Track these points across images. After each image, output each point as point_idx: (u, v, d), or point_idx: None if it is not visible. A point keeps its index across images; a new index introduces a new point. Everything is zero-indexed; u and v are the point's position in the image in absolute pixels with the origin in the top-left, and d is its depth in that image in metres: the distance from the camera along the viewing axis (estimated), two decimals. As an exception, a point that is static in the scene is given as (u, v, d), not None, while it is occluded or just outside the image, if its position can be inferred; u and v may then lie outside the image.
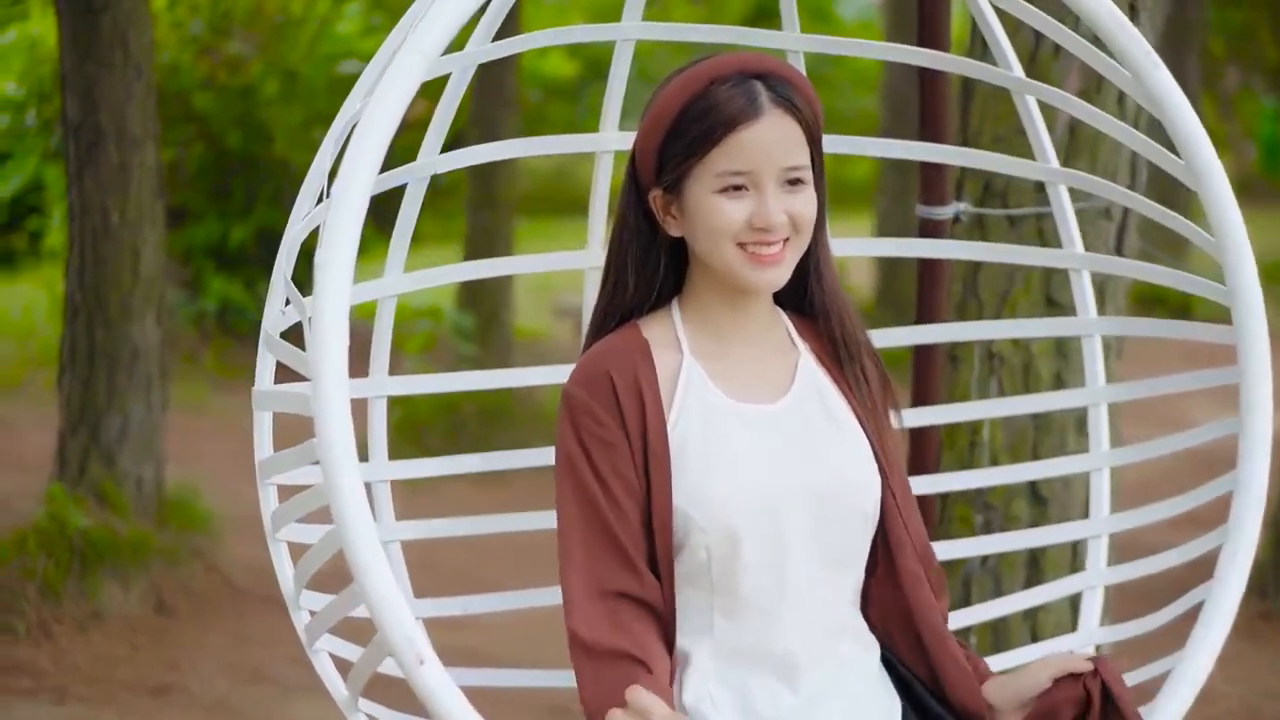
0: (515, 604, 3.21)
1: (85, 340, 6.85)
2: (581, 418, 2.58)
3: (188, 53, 11.55)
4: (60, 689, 5.69)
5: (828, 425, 2.67)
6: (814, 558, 2.60)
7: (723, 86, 2.56)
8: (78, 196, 6.82)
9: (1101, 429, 3.34)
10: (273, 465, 2.74)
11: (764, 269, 2.59)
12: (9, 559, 6.29)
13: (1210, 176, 2.71)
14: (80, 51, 6.73)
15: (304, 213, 2.83)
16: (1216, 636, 2.64)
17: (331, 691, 2.74)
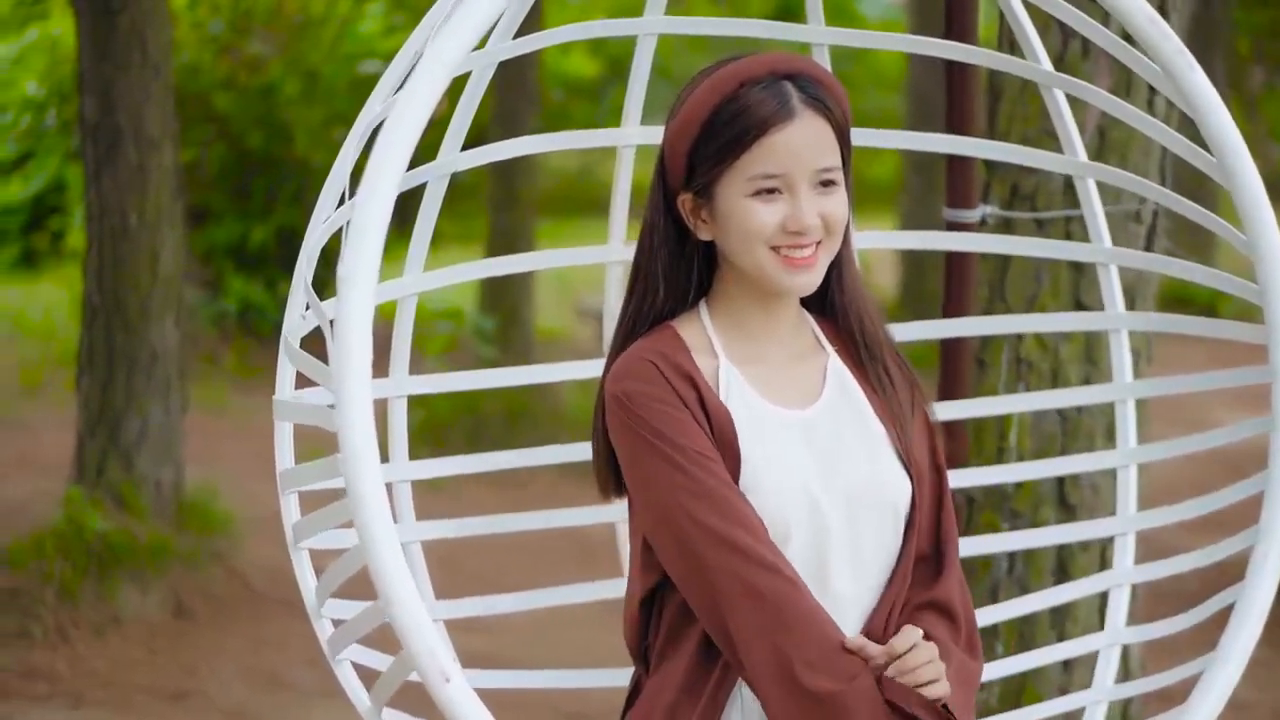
0: (535, 603, 3.20)
1: (104, 342, 6.82)
2: (648, 405, 2.51)
3: (208, 53, 11.52)
4: (77, 694, 5.68)
5: (858, 429, 2.62)
6: (850, 564, 2.56)
7: (754, 88, 2.52)
8: (96, 197, 6.79)
9: (1129, 425, 3.31)
10: (295, 478, 2.70)
11: (797, 272, 2.55)
12: (26, 562, 6.27)
13: (1243, 174, 2.69)
14: (98, 51, 6.70)
15: (324, 217, 2.79)
16: (1248, 639, 2.62)
17: (353, 700, 2.70)
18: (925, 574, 2.65)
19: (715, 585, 2.45)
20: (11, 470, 8.50)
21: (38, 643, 6.00)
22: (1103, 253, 3.34)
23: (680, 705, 2.53)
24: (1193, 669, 2.87)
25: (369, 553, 2.16)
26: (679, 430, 2.50)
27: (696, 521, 2.45)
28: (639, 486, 2.53)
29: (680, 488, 2.47)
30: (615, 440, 2.56)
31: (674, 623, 2.57)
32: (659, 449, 2.48)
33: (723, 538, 2.45)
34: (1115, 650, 3.28)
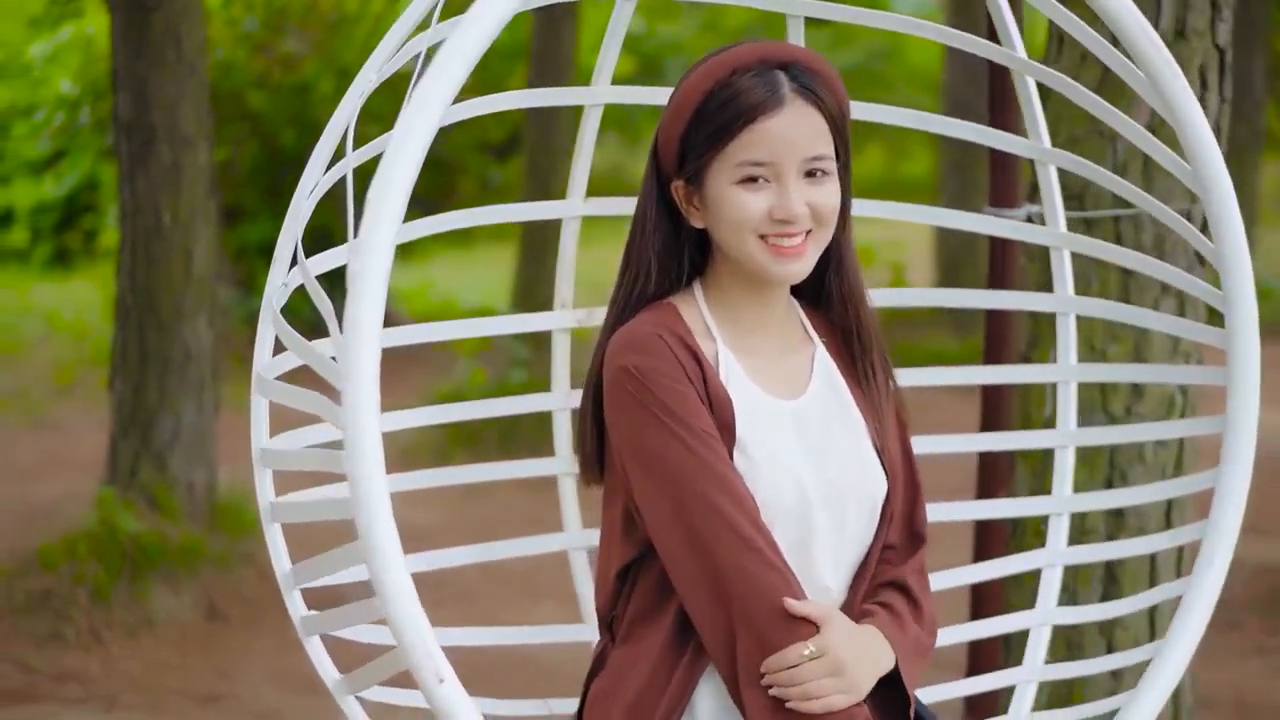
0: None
1: (136, 342, 6.79)
2: (659, 380, 2.52)
3: (242, 51, 11.50)
4: (109, 696, 5.64)
5: (842, 422, 2.66)
6: (831, 554, 2.59)
7: (745, 76, 2.54)
8: (130, 196, 6.76)
9: (1069, 407, 3.41)
10: (280, 460, 2.71)
11: (786, 261, 2.56)
12: (59, 564, 6.24)
13: (1217, 186, 2.75)
14: (132, 49, 6.67)
15: (313, 182, 2.81)
16: (1194, 630, 2.78)
17: (321, 673, 2.71)
18: (891, 560, 2.69)
19: (712, 565, 2.46)
20: (45, 470, 8.51)
21: (70, 644, 5.97)
22: (1056, 237, 3.40)
23: (649, 686, 2.54)
24: (1142, 655, 3.03)
25: (373, 561, 2.15)
26: (687, 407, 2.51)
27: (702, 500, 2.47)
28: (641, 460, 2.52)
29: (687, 465, 2.48)
30: (615, 413, 2.55)
31: (648, 597, 2.58)
32: (666, 425, 2.49)
33: (726, 519, 2.46)
34: (1045, 630, 3.32)
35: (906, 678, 2.57)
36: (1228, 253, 2.79)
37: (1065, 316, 3.39)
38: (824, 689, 2.44)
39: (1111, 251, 3.35)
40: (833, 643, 2.45)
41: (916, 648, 2.63)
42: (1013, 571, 3.49)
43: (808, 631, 2.46)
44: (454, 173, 12.14)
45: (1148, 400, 3.98)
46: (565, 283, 3.33)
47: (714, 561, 2.46)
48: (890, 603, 2.63)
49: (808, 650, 2.43)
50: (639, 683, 2.54)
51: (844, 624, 2.50)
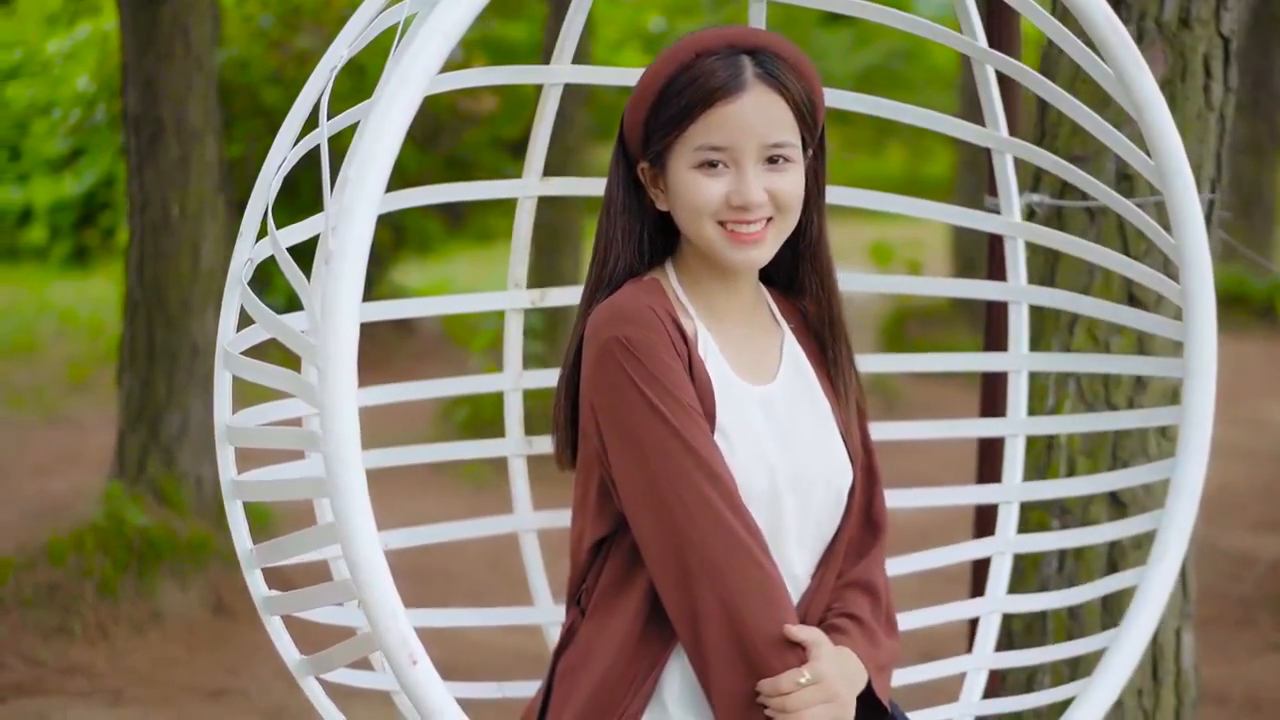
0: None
1: (145, 337, 6.78)
2: (651, 352, 2.51)
3: (257, 47, 11.48)
4: (116, 691, 5.62)
5: (810, 408, 2.67)
6: (798, 540, 2.61)
7: (709, 59, 2.54)
8: (138, 190, 6.76)
9: (1020, 395, 3.51)
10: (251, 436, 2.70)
11: (744, 248, 2.57)
12: (66, 558, 6.22)
13: (1178, 181, 2.81)
14: (141, 43, 6.66)
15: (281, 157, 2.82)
16: (1149, 619, 2.85)
17: (281, 653, 2.74)
18: (854, 551, 2.71)
19: (687, 540, 2.46)
20: (58, 466, 8.51)
21: (77, 639, 5.95)
22: (1010, 226, 3.45)
23: (617, 662, 2.55)
24: (1097, 643, 3.08)
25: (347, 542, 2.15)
26: (675, 381, 2.51)
27: (681, 478, 2.46)
28: (622, 433, 2.51)
29: (668, 442, 2.48)
30: (599, 383, 2.54)
31: (619, 573, 2.59)
32: (652, 399, 2.49)
33: (705, 497, 2.46)
34: (995, 617, 3.38)
35: (880, 692, 2.60)
36: (1186, 247, 2.83)
37: (1019, 305, 3.48)
38: (819, 716, 2.44)
39: (1071, 244, 3.38)
40: (825, 671, 2.46)
41: (887, 660, 2.67)
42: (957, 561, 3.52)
43: (799, 656, 2.47)
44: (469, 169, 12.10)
45: (1150, 393, 3.95)
46: (519, 262, 3.35)
47: (686, 544, 2.46)
48: (857, 613, 2.64)
49: (804, 678, 2.44)
50: (607, 658, 2.55)
51: (831, 648, 2.51)
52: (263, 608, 2.70)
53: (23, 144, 16.89)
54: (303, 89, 2.82)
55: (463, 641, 5.83)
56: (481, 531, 3.34)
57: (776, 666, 2.45)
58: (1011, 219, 3.44)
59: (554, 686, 2.64)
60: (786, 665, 2.45)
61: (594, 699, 2.55)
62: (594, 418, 2.56)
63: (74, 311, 12.57)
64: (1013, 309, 3.48)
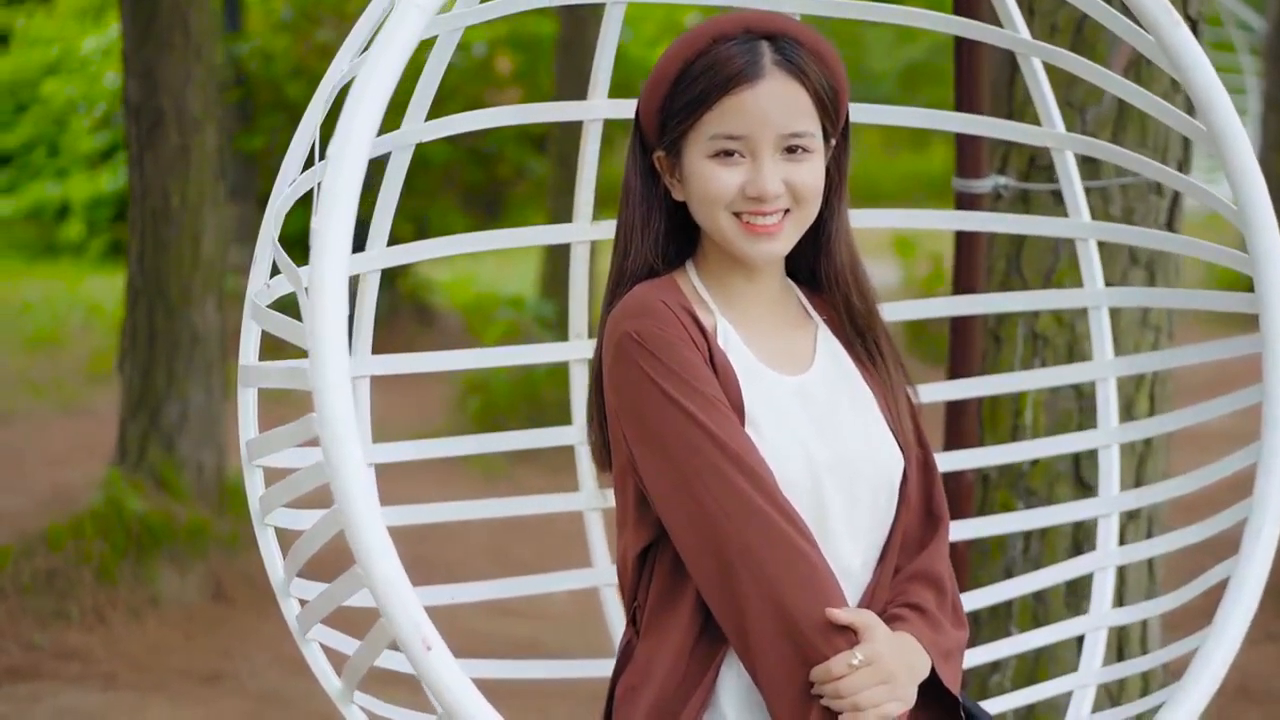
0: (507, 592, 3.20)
1: (145, 325, 6.82)
2: (666, 346, 2.41)
3: (280, 40, 11.52)
4: (110, 675, 5.65)
5: (852, 400, 2.55)
6: (848, 532, 2.48)
7: (726, 45, 2.44)
8: (138, 179, 6.80)
9: (1110, 404, 3.24)
10: (264, 445, 2.64)
11: (759, 240, 2.47)
12: (65, 543, 6.25)
13: (1233, 141, 2.59)
14: (140, 33, 6.70)
15: (290, 179, 2.71)
16: (1244, 613, 2.55)
17: (323, 683, 2.63)
18: (914, 545, 2.59)
19: (722, 532, 2.35)
20: (72, 455, 8.56)
21: (74, 624, 5.98)
22: (1081, 227, 3.27)
23: (672, 680, 2.45)
24: (1189, 645, 2.81)
25: (346, 516, 2.08)
26: (695, 373, 2.41)
27: (712, 469, 2.37)
28: (645, 432, 2.42)
29: (694, 435, 2.38)
30: (618, 381, 2.45)
31: (666, 583, 2.48)
32: (672, 393, 2.39)
33: (735, 487, 2.36)
34: (1101, 634, 3.19)
35: (948, 680, 2.47)
36: (1250, 210, 2.59)
37: (1099, 310, 3.28)
38: (876, 698, 2.32)
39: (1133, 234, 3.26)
40: (880, 651, 2.34)
41: (953, 647, 2.53)
42: (1064, 579, 3.35)
43: (849, 640, 2.34)
44: (494, 163, 12.12)
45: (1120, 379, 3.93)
46: (579, 313, 3.24)
47: (721, 537, 2.36)
48: (920, 603, 2.51)
49: (856, 659, 2.32)
50: (662, 677, 2.45)
51: (885, 630, 2.38)
52: (298, 631, 2.63)
53: (61, 140, 16.97)
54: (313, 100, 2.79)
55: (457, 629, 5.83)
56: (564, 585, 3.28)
57: (826, 652, 2.32)
58: (1080, 219, 3.27)
59: (615, 709, 2.54)
60: (836, 649, 2.32)
61: (652, 714, 2.45)
62: (619, 423, 2.47)
63: (100, 305, 12.63)
64: (1093, 314, 3.27)
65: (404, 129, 2.94)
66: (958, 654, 2.54)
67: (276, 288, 2.70)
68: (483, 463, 8.35)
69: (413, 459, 3.10)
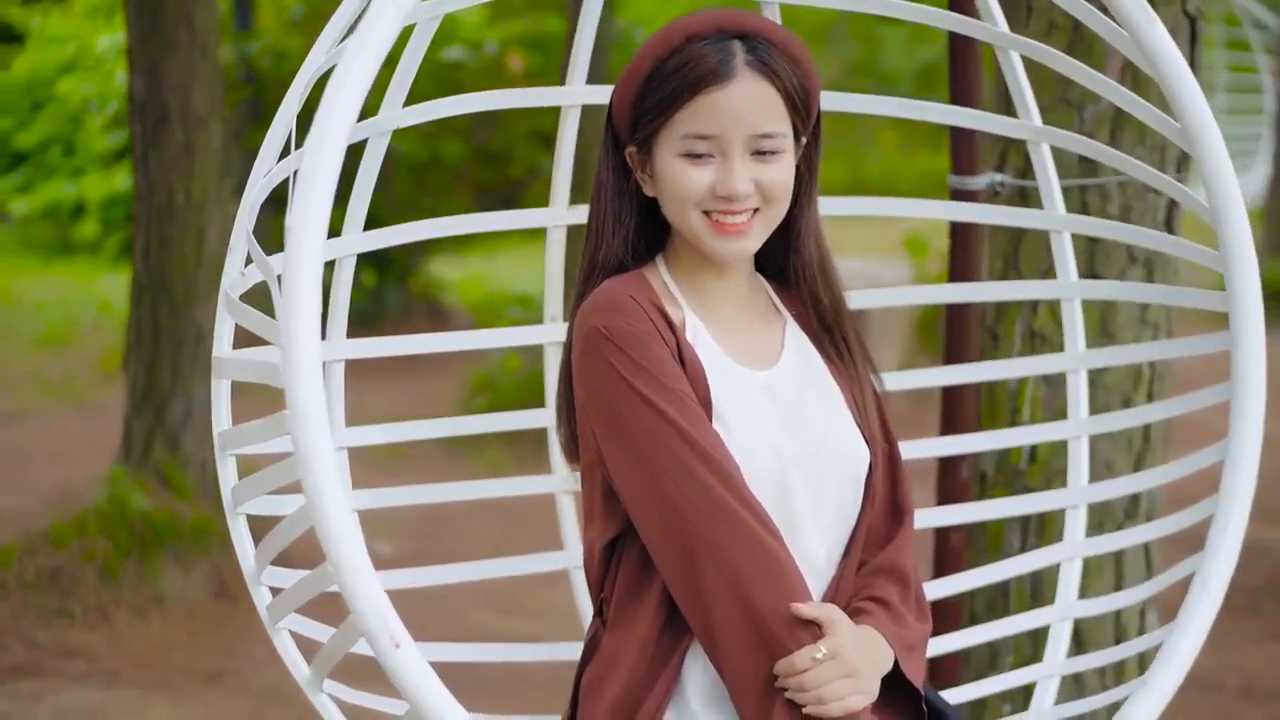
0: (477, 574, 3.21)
1: (150, 322, 6.82)
2: (634, 342, 2.44)
3: (293, 38, 11.52)
4: (112, 673, 5.65)
5: (817, 393, 2.58)
6: (814, 525, 2.51)
7: (699, 44, 2.46)
8: (143, 176, 6.79)
9: (1081, 396, 3.28)
10: (237, 438, 2.64)
11: (728, 239, 2.49)
12: (68, 541, 6.25)
13: (1207, 140, 2.62)
14: (145, 30, 6.69)
15: (265, 170, 2.72)
16: (1208, 609, 2.59)
17: (293, 671, 2.66)
18: (878, 538, 2.61)
19: (689, 526, 2.37)
20: (80, 453, 8.58)
21: (77, 622, 5.99)
22: (1056, 220, 3.29)
23: (637, 671, 2.47)
24: (1153, 640, 2.85)
25: (317, 513, 2.07)
26: (663, 369, 2.43)
27: (679, 464, 2.39)
28: (613, 427, 2.44)
29: (662, 431, 2.40)
30: (585, 377, 2.47)
31: (632, 575, 2.51)
32: (639, 389, 2.41)
33: (702, 482, 2.38)
34: (1066, 625, 3.21)
35: (911, 674, 2.50)
36: (1223, 208, 2.62)
37: (1071, 302, 3.31)
38: (840, 691, 2.35)
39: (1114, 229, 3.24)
40: (844, 645, 2.37)
41: (916, 640, 2.56)
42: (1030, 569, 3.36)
43: (814, 634, 2.37)
44: (506, 162, 12.12)
45: (1114, 372, 3.92)
46: (554, 296, 3.26)
47: (688, 531, 2.38)
48: (884, 597, 2.55)
49: (820, 653, 2.35)
50: (628, 668, 2.47)
51: (849, 624, 2.42)
52: (268, 620, 2.64)
53: (77, 139, 16.97)
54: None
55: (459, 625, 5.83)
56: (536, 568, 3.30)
57: (791, 645, 2.35)
58: (1055, 211, 3.30)
59: (581, 700, 2.56)
60: (801, 643, 2.35)
61: (618, 705, 2.47)
62: (587, 417, 2.49)
63: (111, 303, 12.64)
64: (1066, 306, 3.31)
65: (381, 115, 2.95)
66: (921, 647, 2.58)
67: (251, 277, 2.71)
68: (490, 459, 8.35)
69: (384, 442, 3.11)
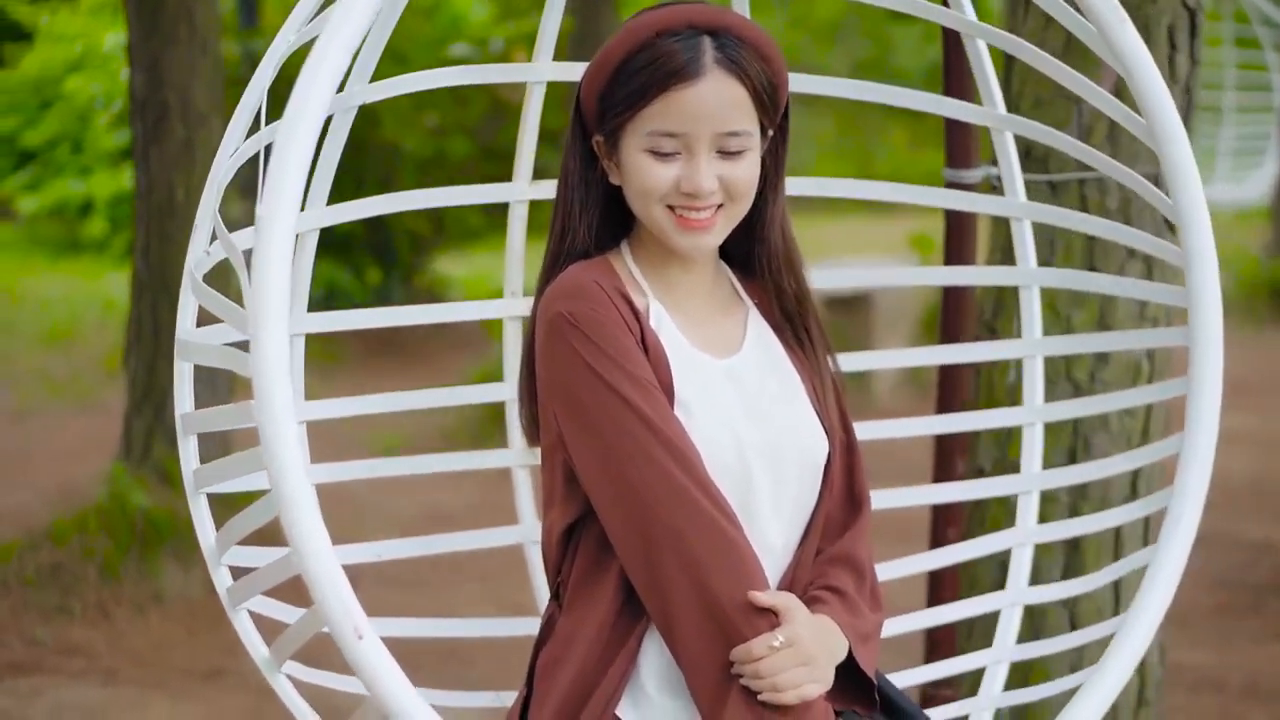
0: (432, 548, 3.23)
1: (150, 320, 6.80)
2: (598, 327, 2.46)
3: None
4: (111, 671, 5.63)
5: (778, 381, 2.60)
6: (773, 513, 2.54)
7: (668, 39, 2.47)
8: (144, 173, 6.77)
9: (1036, 382, 3.36)
10: (200, 422, 2.65)
11: (691, 234, 2.52)
12: (69, 538, 6.24)
13: (1172, 138, 2.68)
14: (145, 26, 6.67)
15: (231, 150, 2.77)
16: (1160, 601, 2.65)
17: (251, 651, 2.69)
18: (835, 527, 2.64)
19: (649, 513, 2.40)
20: (84, 451, 8.55)
21: (77, 619, 5.97)
22: (1017, 208, 3.34)
23: (594, 654, 2.49)
24: (1105, 630, 2.93)
25: (282, 505, 2.08)
26: (627, 356, 2.45)
27: (640, 450, 2.41)
28: (576, 413, 2.46)
29: (625, 418, 2.42)
30: (549, 362, 2.48)
31: (591, 559, 2.53)
32: (603, 375, 2.43)
33: (663, 469, 2.40)
34: (1017, 610, 3.26)
35: (864, 663, 2.52)
36: (1186, 207, 2.67)
37: (1029, 290, 3.35)
38: (796, 679, 2.38)
39: (1071, 218, 3.28)
40: (800, 634, 2.39)
41: (870, 630, 2.59)
42: (985, 553, 3.41)
43: (770, 622, 2.40)
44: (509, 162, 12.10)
45: (1113, 367, 3.89)
46: (515, 270, 3.28)
47: (648, 517, 2.40)
48: (840, 586, 2.57)
49: (777, 641, 2.38)
50: (585, 647, 2.49)
51: (805, 613, 2.44)
52: (228, 602, 2.66)
53: (84, 137, 16.95)
54: None
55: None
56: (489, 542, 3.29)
57: (747, 633, 2.38)
58: (1016, 200, 3.34)
59: (535, 681, 2.58)
60: (757, 631, 2.38)
61: (573, 688, 2.49)
62: (549, 401, 2.51)
63: (115, 301, 12.62)
64: (1024, 294, 3.35)
65: (348, 90, 2.97)
66: (875, 636, 2.60)
67: (216, 255, 2.73)
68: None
69: (345, 415, 3.12)
